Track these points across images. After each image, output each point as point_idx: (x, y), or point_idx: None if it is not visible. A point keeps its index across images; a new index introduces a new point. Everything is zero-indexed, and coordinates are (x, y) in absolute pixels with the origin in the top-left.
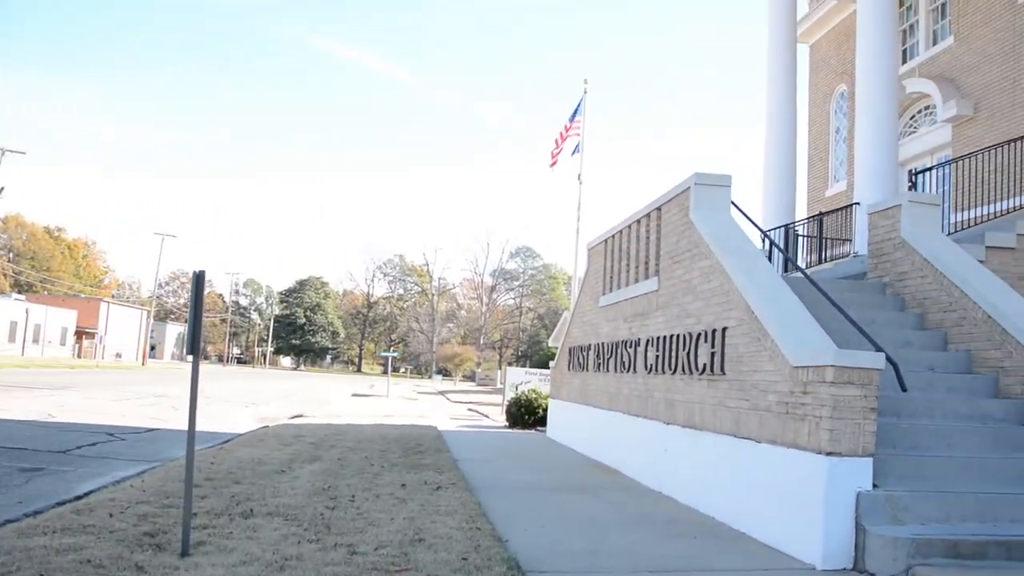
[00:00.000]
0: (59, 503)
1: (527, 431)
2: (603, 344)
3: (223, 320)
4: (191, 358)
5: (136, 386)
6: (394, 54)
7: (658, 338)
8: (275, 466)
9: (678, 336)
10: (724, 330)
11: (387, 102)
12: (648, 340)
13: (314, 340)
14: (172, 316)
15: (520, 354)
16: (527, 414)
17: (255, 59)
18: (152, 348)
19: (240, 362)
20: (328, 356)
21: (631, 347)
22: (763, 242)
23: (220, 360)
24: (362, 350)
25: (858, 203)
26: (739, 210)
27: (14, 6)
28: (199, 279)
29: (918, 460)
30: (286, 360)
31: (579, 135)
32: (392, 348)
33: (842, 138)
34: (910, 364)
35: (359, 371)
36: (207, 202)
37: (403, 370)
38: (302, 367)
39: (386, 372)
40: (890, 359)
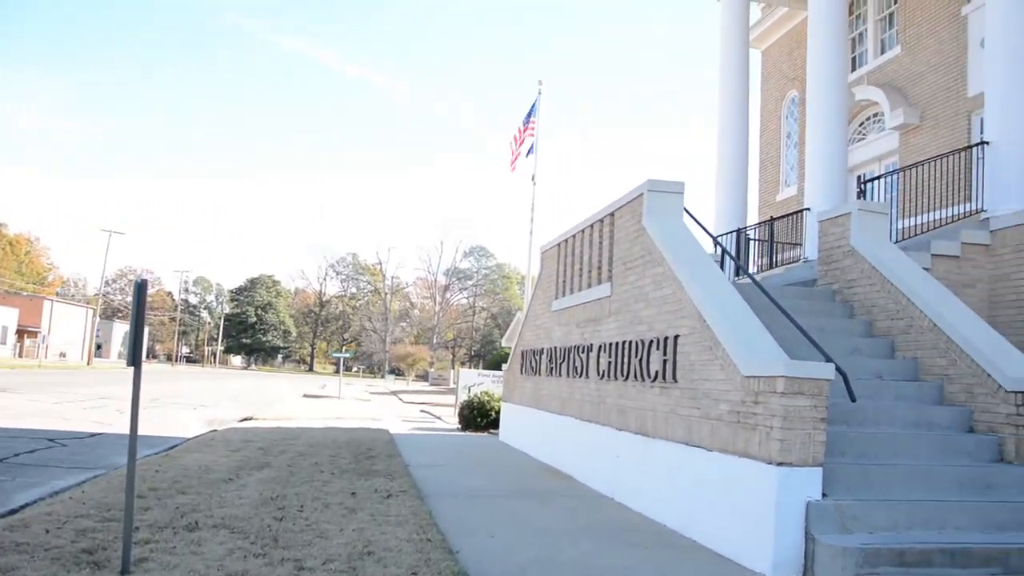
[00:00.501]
0: None
1: (480, 434)
2: (556, 348)
3: (172, 319)
4: (133, 370)
5: (80, 387)
6: (350, 50)
7: (611, 344)
8: (222, 474)
9: (631, 343)
10: (676, 338)
11: (341, 99)
12: (601, 346)
13: (265, 339)
14: (119, 314)
15: (473, 353)
16: (480, 417)
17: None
18: (98, 347)
19: (190, 361)
20: (279, 355)
21: (584, 352)
22: (715, 248)
23: (169, 359)
24: (314, 349)
25: (808, 209)
26: (692, 217)
27: None
28: (141, 289)
29: (866, 468)
30: (237, 359)
31: (533, 136)
32: (344, 348)
33: (793, 143)
34: (859, 372)
35: (311, 370)
36: (157, 201)
37: (356, 369)
38: (253, 366)
39: (338, 372)
40: (839, 369)
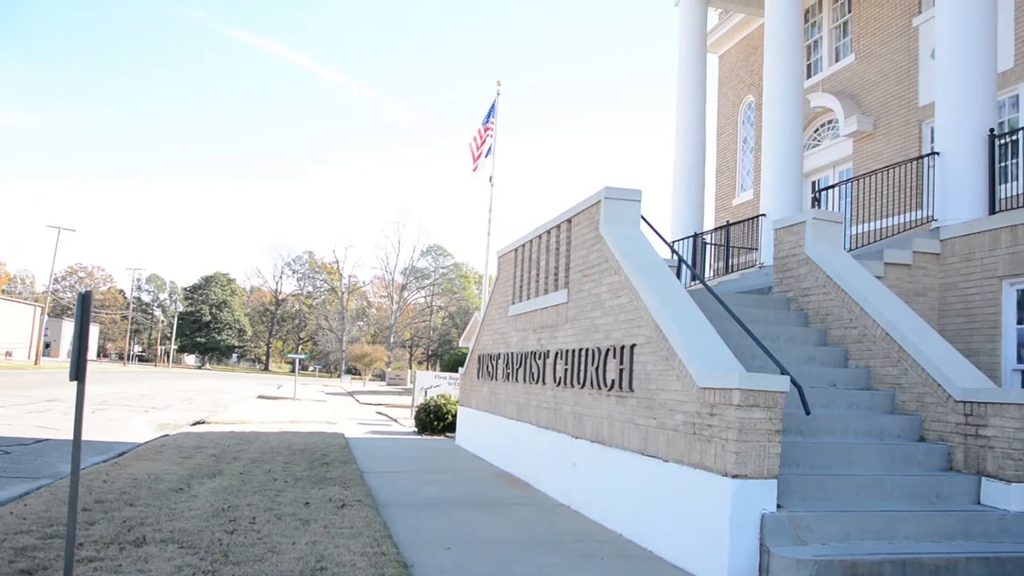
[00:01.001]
0: None
1: (436, 438)
2: (513, 354)
3: (124, 317)
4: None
5: (26, 389)
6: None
7: (567, 351)
8: (173, 483)
9: (587, 350)
10: (632, 347)
11: (299, 98)
12: (557, 352)
13: (220, 338)
14: (69, 312)
15: (431, 353)
16: (436, 420)
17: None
18: (47, 346)
19: (142, 360)
20: (235, 354)
21: (540, 358)
22: (672, 255)
23: (121, 358)
24: (270, 348)
25: (764, 214)
26: (650, 226)
27: None
28: (85, 301)
29: (820, 479)
30: (191, 358)
31: (492, 137)
32: (301, 349)
33: (749, 148)
34: (813, 380)
35: (266, 369)
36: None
37: (312, 369)
38: (207, 366)
39: (294, 372)
40: (795, 381)
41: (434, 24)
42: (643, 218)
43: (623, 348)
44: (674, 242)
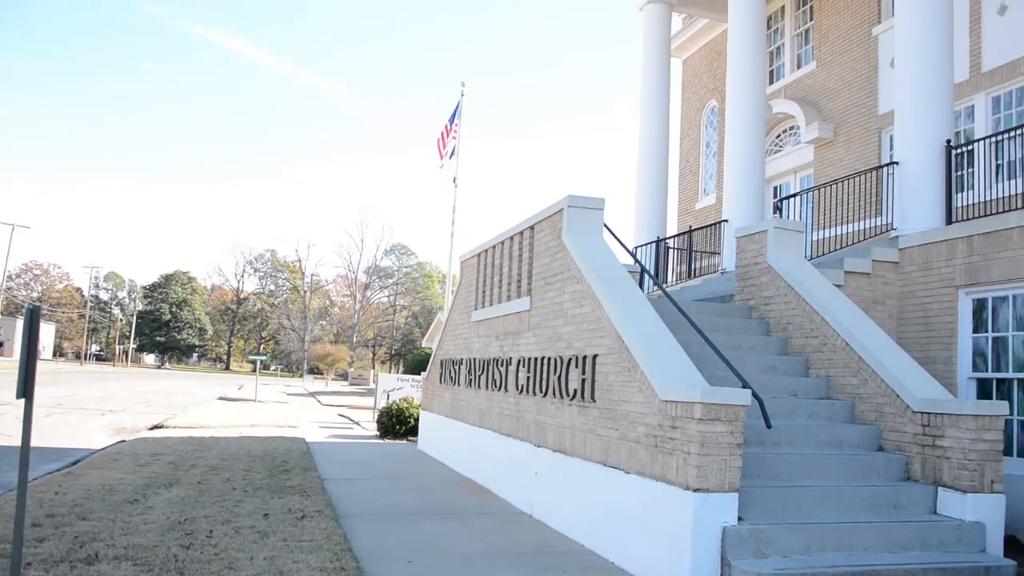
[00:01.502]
0: None
1: (398, 442)
2: (475, 360)
3: (81, 316)
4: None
5: None
6: (271, 46)
7: (530, 359)
8: (128, 494)
9: (550, 359)
10: (595, 357)
11: (260, 95)
12: (520, 360)
13: (180, 337)
14: (23, 311)
15: (394, 352)
16: (398, 424)
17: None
18: (0, 345)
19: (100, 359)
20: (195, 354)
21: (503, 365)
22: (635, 263)
23: (78, 357)
24: (231, 348)
25: (727, 220)
26: (613, 235)
27: None
28: (33, 315)
29: (781, 491)
30: (150, 358)
31: (455, 139)
32: (263, 348)
33: (712, 152)
34: (774, 390)
35: (227, 369)
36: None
37: (274, 369)
38: (167, 365)
39: (255, 371)
40: (756, 395)
41: (403, 25)
42: (606, 226)
43: (585, 358)
44: (637, 247)
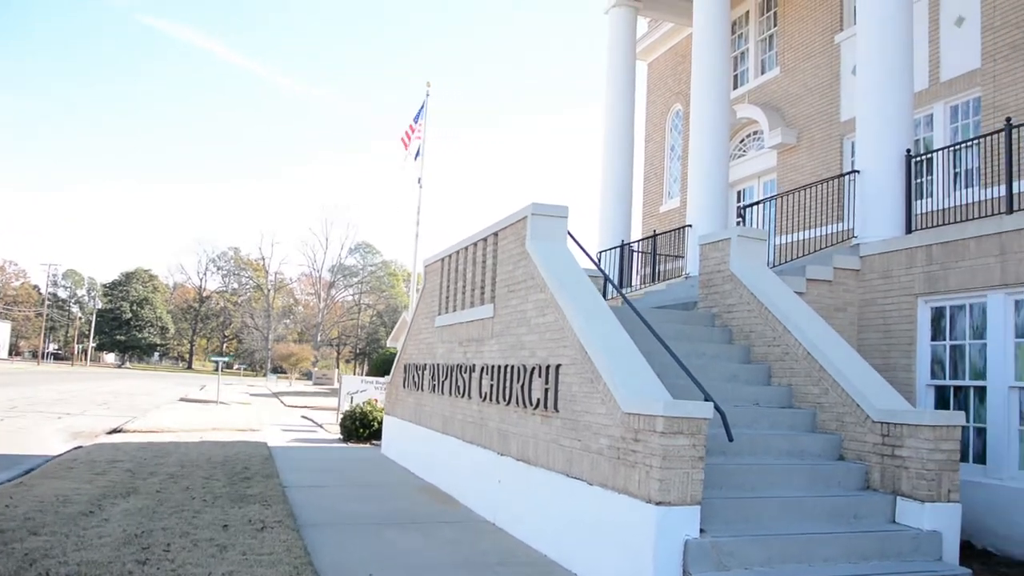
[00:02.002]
0: None
1: (362, 446)
2: (439, 365)
3: (39, 314)
4: None
5: None
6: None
7: (493, 367)
8: (83, 505)
9: (513, 367)
10: (558, 367)
11: (224, 92)
12: (483, 367)
13: (141, 336)
14: None
15: (358, 351)
16: (362, 427)
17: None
18: None
19: (58, 358)
20: (156, 353)
21: (466, 372)
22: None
23: (35, 357)
24: (193, 347)
25: (690, 225)
26: (577, 243)
27: None
28: None
29: (743, 502)
30: (110, 357)
31: (420, 139)
32: (226, 347)
33: (677, 156)
34: (737, 399)
35: (190, 368)
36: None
37: (237, 368)
38: (128, 364)
39: (218, 371)
40: (718, 408)
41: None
42: (570, 234)
43: (548, 367)
44: (601, 252)
